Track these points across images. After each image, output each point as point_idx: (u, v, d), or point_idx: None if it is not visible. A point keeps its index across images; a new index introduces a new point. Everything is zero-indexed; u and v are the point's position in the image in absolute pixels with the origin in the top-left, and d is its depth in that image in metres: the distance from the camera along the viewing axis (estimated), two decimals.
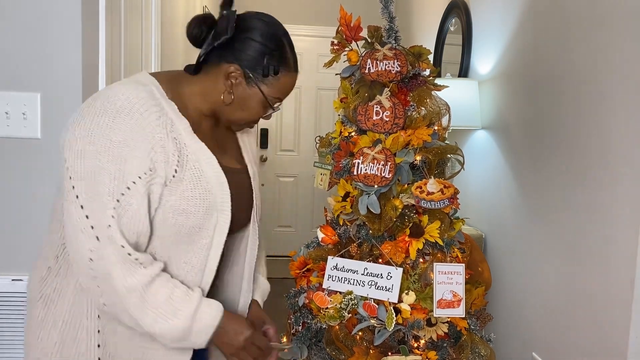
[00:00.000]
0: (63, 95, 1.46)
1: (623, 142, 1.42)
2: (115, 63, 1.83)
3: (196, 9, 3.27)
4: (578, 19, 1.65)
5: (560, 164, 1.72)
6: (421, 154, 1.37)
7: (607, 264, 1.47)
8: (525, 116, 1.98)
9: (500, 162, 2.17)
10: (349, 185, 1.40)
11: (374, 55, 1.40)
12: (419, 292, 1.32)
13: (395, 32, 1.44)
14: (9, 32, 1.42)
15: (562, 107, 1.72)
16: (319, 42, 4.48)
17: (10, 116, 1.45)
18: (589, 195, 1.56)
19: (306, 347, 1.47)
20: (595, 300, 1.52)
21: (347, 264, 1.37)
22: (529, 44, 1.97)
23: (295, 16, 4.51)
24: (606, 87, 1.50)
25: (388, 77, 1.38)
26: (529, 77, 1.97)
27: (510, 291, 2.06)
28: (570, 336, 1.65)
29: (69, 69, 1.45)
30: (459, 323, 1.32)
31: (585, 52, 1.61)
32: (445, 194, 1.31)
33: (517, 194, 2.02)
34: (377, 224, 1.33)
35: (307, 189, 4.62)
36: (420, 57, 1.42)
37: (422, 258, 1.36)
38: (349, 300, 1.30)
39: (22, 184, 1.46)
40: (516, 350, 2.00)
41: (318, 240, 1.49)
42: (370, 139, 1.39)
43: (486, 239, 2.27)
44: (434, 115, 1.40)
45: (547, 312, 1.79)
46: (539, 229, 1.85)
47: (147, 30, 2.20)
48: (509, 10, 2.13)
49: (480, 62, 2.40)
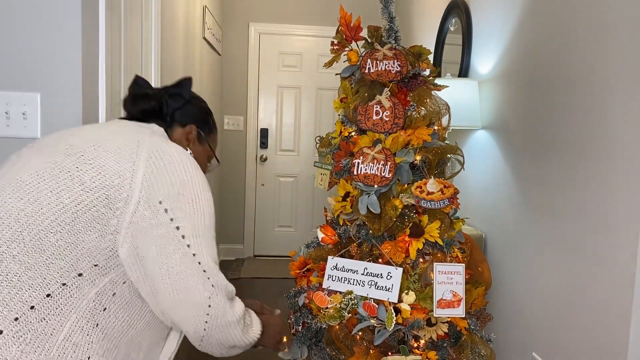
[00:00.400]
0: (63, 95, 1.46)
1: (623, 141, 1.42)
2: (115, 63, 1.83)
3: (196, 9, 3.27)
4: (578, 19, 1.65)
5: (561, 164, 1.72)
6: (421, 153, 1.37)
7: (607, 264, 1.47)
8: (525, 116, 1.98)
9: (500, 162, 2.17)
10: (349, 185, 1.40)
11: (374, 55, 1.40)
12: (419, 292, 1.32)
13: (395, 32, 1.44)
14: (9, 32, 1.42)
15: (562, 107, 1.72)
16: (319, 42, 4.48)
17: (10, 116, 1.45)
18: (589, 195, 1.56)
19: (306, 347, 1.47)
20: (595, 300, 1.52)
21: (347, 263, 1.37)
22: (529, 44, 1.97)
23: (295, 16, 4.51)
24: (606, 86, 1.50)
25: (388, 77, 1.38)
26: (529, 77, 1.97)
27: (510, 291, 2.06)
28: (570, 336, 1.65)
29: (69, 69, 1.45)
30: (459, 323, 1.32)
31: (585, 52, 1.61)
32: (445, 193, 1.31)
33: (517, 194, 2.02)
34: (377, 224, 1.33)
35: (307, 189, 4.62)
36: (420, 57, 1.42)
37: (422, 258, 1.36)
38: (348, 300, 1.30)
39: None
40: (516, 350, 2.00)
41: (318, 240, 1.49)
42: (370, 138, 1.39)
43: (486, 239, 2.27)
44: (434, 115, 1.40)
45: (547, 312, 1.79)
46: (539, 229, 1.85)
47: (147, 30, 2.20)
48: (509, 10, 2.13)
49: (480, 62, 2.40)
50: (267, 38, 4.55)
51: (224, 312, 0.97)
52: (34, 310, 0.83)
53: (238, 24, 4.50)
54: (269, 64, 4.57)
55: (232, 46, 4.51)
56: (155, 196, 0.91)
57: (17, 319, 0.82)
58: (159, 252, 0.91)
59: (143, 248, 0.91)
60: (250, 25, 4.50)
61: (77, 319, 0.86)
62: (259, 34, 4.53)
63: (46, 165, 0.93)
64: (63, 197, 0.89)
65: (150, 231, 0.90)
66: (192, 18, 3.17)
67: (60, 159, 0.93)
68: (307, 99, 4.63)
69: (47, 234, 0.87)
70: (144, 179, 0.91)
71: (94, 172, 0.91)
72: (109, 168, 0.91)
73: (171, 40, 2.64)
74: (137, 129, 1.03)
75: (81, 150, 0.94)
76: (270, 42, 4.55)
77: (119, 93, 1.88)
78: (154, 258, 0.91)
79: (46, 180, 0.90)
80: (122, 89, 1.90)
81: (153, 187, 0.91)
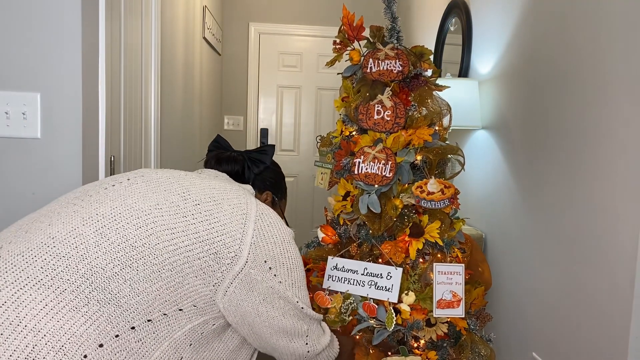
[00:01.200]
0: (63, 95, 1.46)
1: (623, 142, 1.42)
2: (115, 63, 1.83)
3: (196, 9, 3.27)
4: (578, 19, 1.65)
5: (561, 164, 1.72)
6: (422, 153, 1.37)
7: (607, 264, 1.47)
8: (525, 116, 1.98)
9: (500, 162, 2.17)
10: (350, 185, 1.40)
11: (376, 54, 1.40)
12: (419, 292, 1.32)
13: (398, 32, 1.44)
14: (9, 32, 1.42)
15: (562, 106, 1.72)
16: (319, 42, 4.48)
17: (10, 116, 1.44)
18: (589, 195, 1.56)
19: None
20: (596, 300, 1.52)
21: (347, 264, 1.37)
22: (529, 44, 1.97)
23: (295, 16, 4.51)
24: (607, 86, 1.50)
25: (390, 77, 1.38)
26: (529, 77, 1.97)
27: (510, 291, 2.06)
28: (570, 336, 1.65)
29: (69, 69, 1.45)
30: (458, 323, 1.32)
31: (585, 51, 1.61)
32: (445, 194, 1.31)
33: (517, 194, 2.02)
34: (377, 224, 1.33)
35: (307, 188, 4.62)
36: (422, 57, 1.42)
37: (422, 258, 1.36)
38: (348, 304, 1.31)
39: (22, 184, 1.46)
40: (516, 350, 2.00)
41: (318, 240, 1.49)
42: (371, 138, 1.39)
43: (486, 239, 2.27)
44: (435, 115, 1.40)
45: (547, 312, 1.79)
46: (539, 229, 1.85)
47: (147, 30, 2.20)
48: (509, 10, 2.13)
49: (480, 62, 2.40)
50: (267, 38, 4.55)
51: (319, 337, 1.13)
52: (134, 330, 0.89)
53: (238, 24, 4.50)
54: (269, 63, 4.57)
55: (232, 46, 4.51)
56: (261, 256, 0.99)
57: (118, 335, 0.87)
58: (263, 300, 1.01)
59: (246, 299, 0.99)
60: (250, 25, 4.50)
61: (167, 347, 0.93)
62: (259, 34, 4.53)
63: (164, 200, 0.97)
64: (178, 239, 0.93)
65: (255, 285, 0.99)
66: (192, 18, 3.17)
67: (177, 199, 0.98)
68: (307, 99, 4.63)
69: (160, 268, 0.91)
70: (253, 240, 0.98)
71: (208, 225, 0.96)
72: (222, 225, 0.97)
73: (171, 40, 2.64)
74: (238, 188, 1.09)
75: (198, 200, 0.99)
76: (270, 42, 4.55)
77: (119, 93, 1.88)
78: (256, 307, 1.00)
79: (164, 217, 0.94)
80: (122, 89, 1.90)
81: (260, 247, 0.99)
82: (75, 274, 0.87)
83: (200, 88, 3.50)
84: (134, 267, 0.90)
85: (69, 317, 0.84)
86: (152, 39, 2.24)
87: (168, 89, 2.59)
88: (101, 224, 0.92)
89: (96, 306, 0.86)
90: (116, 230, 0.92)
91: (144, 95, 2.19)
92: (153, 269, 0.91)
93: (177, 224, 0.94)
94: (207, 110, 3.81)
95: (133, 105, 2.04)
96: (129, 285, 0.89)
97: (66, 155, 1.47)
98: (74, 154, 1.48)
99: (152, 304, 0.90)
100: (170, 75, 2.64)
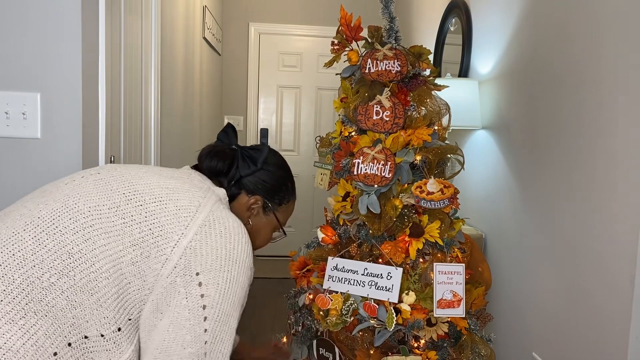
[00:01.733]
0: (63, 95, 1.46)
1: (623, 142, 1.42)
2: (115, 63, 1.83)
3: (196, 8, 3.27)
4: (578, 19, 1.65)
5: (560, 164, 1.72)
6: (421, 153, 1.37)
7: (607, 264, 1.47)
8: (525, 116, 1.98)
9: (500, 162, 2.17)
10: (349, 185, 1.40)
11: (374, 55, 1.39)
12: (419, 292, 1.32)
13: (396, 32, 1.44)
14: (9, 32, 1.42)
15: (562, 106, 1.72)
16: (319, 42, 4.49)
17: (10, 116, 1.45)
18: (589, 195, 1.56)
19: (306, 347, 1.47)
20: (595, 300, 1.52)
21: (347, 264, 1.37)
22: (529, 44, 1.97)
23: (295, 16, 4.51)
24: (606, 86, 1.50)
25: (388, 77, 1.38)
26: (529, 77, 1.97)
27: (511, 291, 2.06)
28: (570, 336, 1.65)
29: (69, 69, 1.45)
30: (459, 323, 1.32)
31: (585, 51, 1.61)
32: (445, 193, 1.31)
33: (517, 194, 2.02)
34: (377, 224, 1.33)
35: (307, 188, 4.62)
36: (420, 57, 1.42)
37: (422, 258, 1.36)
38: (349, 305, 1.31)
39: (22, 184, 1.46)
40: (516, 350, 2.00)
41: (318, 240, 1.49)
42: (370, 138, 1.39)
43: (486, 239, 2.27)
44: (434, 115, 1.40)
45: (547, 312, 1.79)
46: (539, 229, 1.85)
47: (147, 30, 2.20)
48: (509, 10, 2.13)
49: (480, 62, 2.40)
50: (267, 38, 4.55)
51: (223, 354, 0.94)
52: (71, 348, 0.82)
53: (238, 24, 4.50)
54: (269, 64, 4.57)
55: (232, 46, 4.51)
56: (194, 266, 0.87)
57: (56, 354, 0.81)
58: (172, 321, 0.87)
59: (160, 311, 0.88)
60: (250, 25, 4.50)
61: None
62: (259, 34, 4.53)
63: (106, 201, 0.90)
64: (113, 244, 0.86)
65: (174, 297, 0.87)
66: (192, 18, 3.17)
67: (120, 200, 0.90)
68: (306, 99, 4.63)
69: (96, 277, 0.84)
70: (190, 245, 0.88)
71: (145, 227, 0.88)
72: (160, 226, 0.89)
73: (171, 40, 2.64)
74: (204, 193, 0.98)
75: (142, 200, 0.91)
76: (270, 42, 4.55)
77: (119, 93, 1.88)
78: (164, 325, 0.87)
79: (102, 220, 0.87)
80: (122, 89, 1.90)
81: (196, 256, 0.88)
82: (12, 284, 0.80)
83: (200, 88, 3.50)
84: (70, 277, 0.83)
85: (5, 330, 0.78)
86: (152, 38, 2.24)
87: (168, 88, 2.59)
88: (40, 228, 0.85)
89: (33, 319, 0.80)
90: (54, 236, 0.85)
91: (144, 95, 2.19)
92: (90, 277, 0.83)
93: (114, 227, 0.87)
94: (207, 110, 3.81)
95: (133, 105, 2.04)
96: (66, 297, 0.82)
97: (66, 155, 1.47)
98: (74, 154, 1.48)
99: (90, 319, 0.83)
100: (170, 75, 2.64)
